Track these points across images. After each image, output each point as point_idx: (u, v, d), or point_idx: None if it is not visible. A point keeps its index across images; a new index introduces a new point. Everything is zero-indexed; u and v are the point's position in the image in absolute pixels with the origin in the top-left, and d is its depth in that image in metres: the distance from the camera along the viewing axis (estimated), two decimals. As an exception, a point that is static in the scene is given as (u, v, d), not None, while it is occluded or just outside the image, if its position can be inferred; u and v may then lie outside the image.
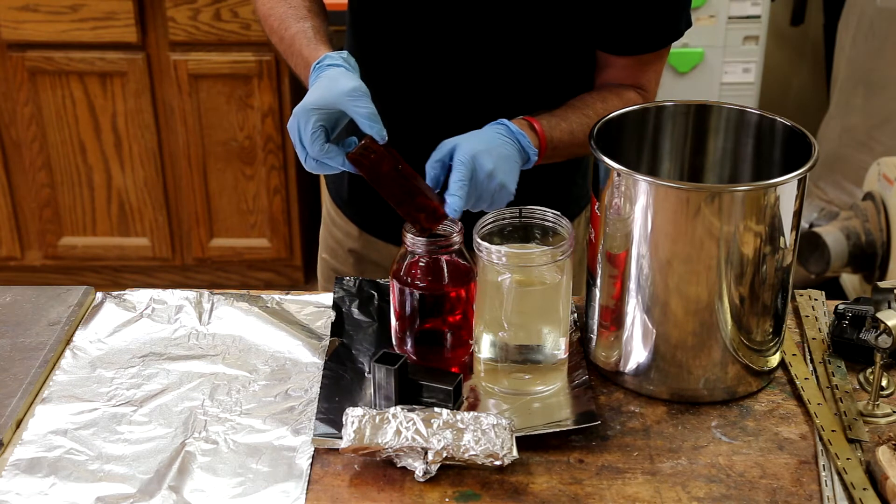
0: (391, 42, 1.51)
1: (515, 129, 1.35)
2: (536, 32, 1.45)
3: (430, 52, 1.48)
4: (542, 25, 1.44)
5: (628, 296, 1.25)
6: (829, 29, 3.50)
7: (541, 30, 1.45)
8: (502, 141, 1.33)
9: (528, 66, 1.48)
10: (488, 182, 1.28)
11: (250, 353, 1.36)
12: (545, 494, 1.13)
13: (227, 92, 3.02)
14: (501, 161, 1.30)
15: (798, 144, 1.26)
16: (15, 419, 1.24)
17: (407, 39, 1.49)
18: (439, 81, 1.50)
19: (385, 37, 1.51)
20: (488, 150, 1.29)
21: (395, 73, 1.52)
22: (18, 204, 3.19)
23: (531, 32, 1.45)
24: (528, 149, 1.35)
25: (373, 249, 1.66)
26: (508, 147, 1.33)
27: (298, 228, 3.22)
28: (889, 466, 1.12)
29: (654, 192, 1.19)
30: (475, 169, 1.27)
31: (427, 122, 1.50)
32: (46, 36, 2.95)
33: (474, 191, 1.28)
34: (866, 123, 3.25)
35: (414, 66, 1.50)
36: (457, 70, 1.48)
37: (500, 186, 1.29)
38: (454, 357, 1.32)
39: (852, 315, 1.32)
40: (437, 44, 1.47)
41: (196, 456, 1.18)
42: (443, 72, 1.49)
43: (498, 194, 1.29)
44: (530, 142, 1.35)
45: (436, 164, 1.29)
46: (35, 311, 1.43)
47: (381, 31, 1.52)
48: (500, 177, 1.29)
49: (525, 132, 1.36)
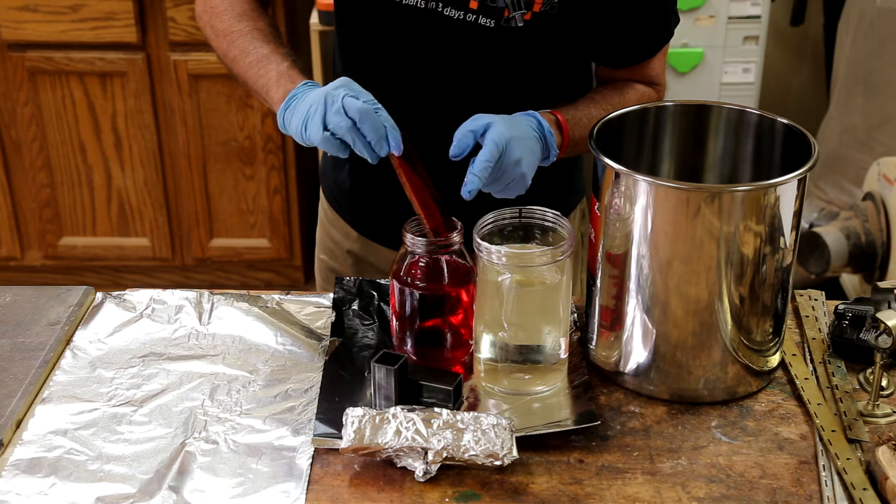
0: (380, 62, 1.49)
1: (546, 126, 1.35)
2: (525, 52, 1.43)
3: (417, 75, 1.47)
4: (530, 46, 1.43)
5: (628, 296, 1.25)
6: (829, 29, 3.50)
7: (529, 50, 1.43)
8: (533, 135, 1.33)
9: (517, 79, 1.47)
10: (514, 168, 1.29)
11: (250, 353, 1.36)
12: (545, 494, 1.13)
13: (227, 92, 3.02)
14: (528, 153, 1.31)
15: (798, 144, 1.26)
16: (15, 419, 1.24)
17: (395, 57, 1.47)
18: (428, 100, 1.48)
19: (373, 57, 1.50)
20: (521, 139, 1.30)
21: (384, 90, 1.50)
22: (18, 204, 3.19)
23: (520, 52, 1.43)
24: (551, 147, 1.36)
25: (371, 251, 1.66)
26: (536, 143, 1.33)
27: (298, 228, 3.22)
28: (889, 466, 1.12)
29: (654, 192, 1.19)
30: (505, 153, 1.27)
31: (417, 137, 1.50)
32: (46, 36, 2.95)
33: (497, 172, 1.28)
34: (866, 123, 3.25)
35: (402, 83, 1.49)
36: (446, 87, 1.47)
37: (521, 176, 1.30)
38: (454, 357, 1.32)
39: (852, 315, 1.32)
40: (424, 68, 1.46)
41: (196, 456, 1.18)
42: (432, 91, 1.47)
43: (517, 182, 1.30)
44: (555, 142, 1.36)
45: (468, 133, 1.28)
46: (35, 312, 1.43)
47: (369, 53, 1.50)
48: (524, 168, 1.30)
49: (553, 131, 1.36)
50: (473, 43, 1.41)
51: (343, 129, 1.24)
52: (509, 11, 1.37)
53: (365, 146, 1.25)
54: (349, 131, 1.24)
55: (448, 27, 1.40)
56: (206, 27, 1.52)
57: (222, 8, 1.49)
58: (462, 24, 1.39)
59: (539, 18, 1.39)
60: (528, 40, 1.41)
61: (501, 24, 1.38)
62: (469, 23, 1.39)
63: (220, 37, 1.48)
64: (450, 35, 1.41)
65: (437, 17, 1.40)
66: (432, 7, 1.39)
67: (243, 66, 1.43)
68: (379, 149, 1.26)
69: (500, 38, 1.40)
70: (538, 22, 1.39)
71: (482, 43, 1.41)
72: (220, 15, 1.49)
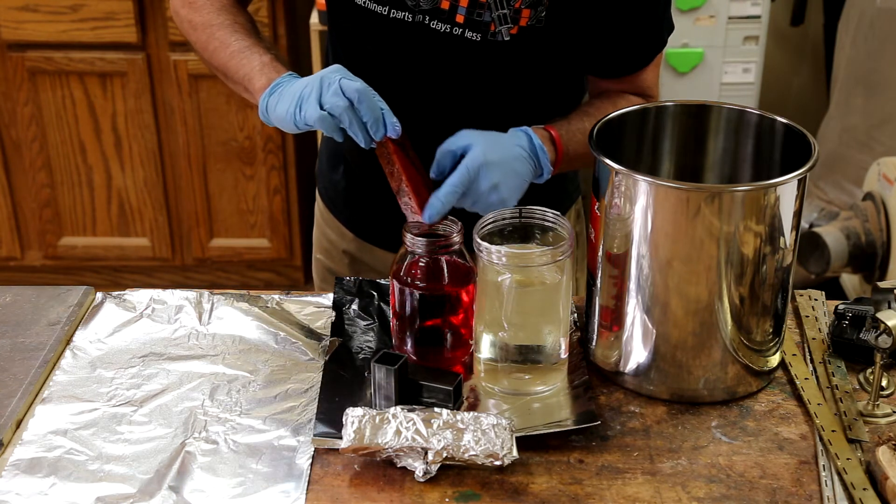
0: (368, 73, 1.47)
1: (538, 143, 1.34)
2: (512, 66, 1.43)
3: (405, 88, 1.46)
4: (517, 60, 1.42)
5: (628, 296, 1.25)
6: (829, 29, 3.50)
7: (516, 64, 1.43)
8: (521, 157, 1.32)
9: (505, 92, 1.46)
10: (489, 194, 1.28)
11: (250, 353, 1.36)
12: (545, 494, 1.13)
13: (227, 92, 3.02)
14: (510, 177, 1.30)
15: (798, 144, 1.26)
16: (15, 419, 1.24)
17: (382, 70, 1.47)
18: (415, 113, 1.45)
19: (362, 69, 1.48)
20: (500, 163, 1.28)
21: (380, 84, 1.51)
22: (18, 204, 3.19)
23: (506, 66, 1.43)
24: (544, 166, 1.35)
25: (366, 252, 1.66)
26: (523, 164, 1.32)
27: (298, 228, 3.22)
28: (889, 466, 1.12)
29: (654, 192, 1.19)
30: (479, 179, 1.26)
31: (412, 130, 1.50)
32: (46, 36, 2.95)
33: (469, 198, 1.28)
34: (866, 123, 3.25)
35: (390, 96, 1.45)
36: (433, 101, 1.47)
37: (500, 201, 1.29)
38: (454, 357, 1.32)
39: (852, 315, 1.32)
40: (411, 81, 1.46)
41: (196, 456, 1.18)
42: (419, 104, 1.46)
43: (496, 205, 1.30)
44: (548, 159, 1.35)
45: (447, 153, 1.28)
46: (35, 312, 1.43)
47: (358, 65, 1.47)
48: (504, 193, 1.29)
49: (546, 148, 1.35)
50: (460, 56, 1.41)
51: (340, 108, 1.23)
52: (495, 26, 1.37)
53: (360, 127, 1.24)
54: (346, 111, 1.24)
55: (435, 40, 1.40)
56: (184, 22, 1.50)
57: (202, 2, 1.48)
58: (449, 38, 1.39)
59: (525, 33, 1.38)
60: (514, 54, 1.40)
61: (488, 39, 1.38)
62: (456, 36, 1.39)
63: (199, 30, 1.46)
64: (437, 48, 1.41)
65: (424, 31, 1.39)
66: (419, 20, 1.39)
67: (223, 57, 1.42)
68: (374, 130, 1.25)
69: (486, 51, 1.39)
70: (525, 36, 1.38)
71: (469, 56, 1.40)
72: (200, 9, 1.47)
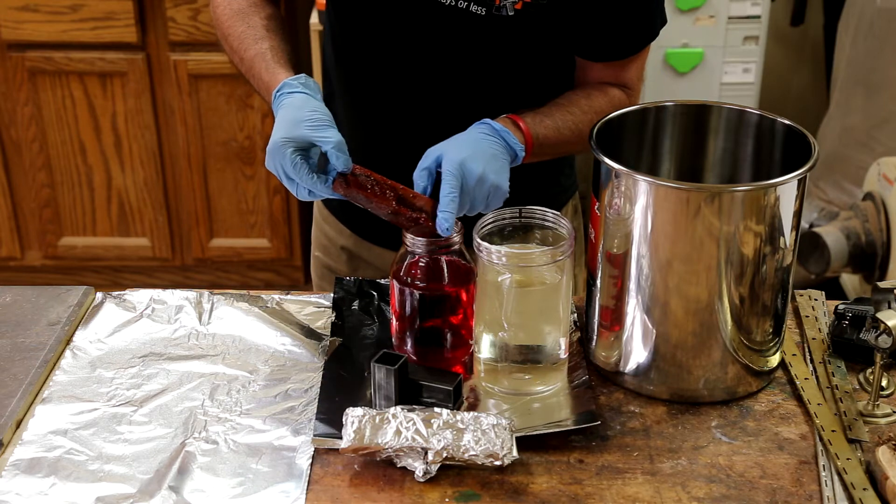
0: (369, 48, 1.50)
1: (499, 127, 1.34)
2: (514, 42, 1.44)
3: (407, 62, 1.47)
4: (519, 36, 1.43)
5: (628, 296, 1.25)
6: (829, 29, 3.50)
7: (518, 40, 1.43)
8: (488, 141, 1.32)
9: (506, 69, 1.47)
10: (480, 187, 1.28)
11: (250, 353, 1.36)
12: (545, 494, 1.13)
13: (227, 92, 3.02)
14: (490, 162, 1.29)
15: (798, 144, 1.26)
16: (15, 419, 1.24)
17: (385, 43, 1.48)
18: (417, 88, 1.48)
19: (363, 44, 1.50)
20: (475, 154, 1.28)
21: (374, 77, 1.51)
22: (18, 204, 3.19)
23: (509, 41, 1.43)
24: (514, 146, 1.34)
25: (364, 248, 1.66)
26: (495, 146, 1.32)
27: (298, 228, 3.22)
28: (889, 466, 1.12)
29: (654, 192, 1.19)
30: (464, 176, 1.26)
31: (406, 126, 1.50)
32: (46, 36, 2.95)
33: (467, 199, 1.28)
34: (866, 123, 3.25)
35: (392, 71, 1.49)
36: (435, 76, 1.47)
37: (493, 188, 1.29)
38: (454, 357, 1.32)
39: (852, 315, 1.32)
40: (414, 55, 1.46)
41: (196, 456, 1.18)
42: (421, 79, 1.47)
43: (492, 196, 1.29)
44: (516, 139, 1.35)
45: (423, 172, 1.28)
46: (35, 312, 1.43)
47: (359, 39, 1.50)
48: (492, 178, 1.28)
49: (510, 130, 1.35)
50: (464, 30, 1.41)
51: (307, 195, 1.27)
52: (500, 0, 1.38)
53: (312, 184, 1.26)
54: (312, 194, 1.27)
55: (439, 13, 1.40)
56: (217, 31, 1.54)
57: (220, 9, 1.51)
58: (453, 11, 1.40)
59: (530, 8, 1.39)
60: (517, 29, 1.41)
61: (492, 13, 1.39)
62: (460, 10, 1.39)
63: (223, 41, 1.52)
64: (441, 21, 1.41)
65: (428, 4, 1.40)
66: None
67: (242, 70, 1.47)
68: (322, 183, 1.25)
69: (490, 26, 1.40)
70: (529, 11, 1.39)
71: (472, 30, 1.41)
72: (219, 17, 1.51)
